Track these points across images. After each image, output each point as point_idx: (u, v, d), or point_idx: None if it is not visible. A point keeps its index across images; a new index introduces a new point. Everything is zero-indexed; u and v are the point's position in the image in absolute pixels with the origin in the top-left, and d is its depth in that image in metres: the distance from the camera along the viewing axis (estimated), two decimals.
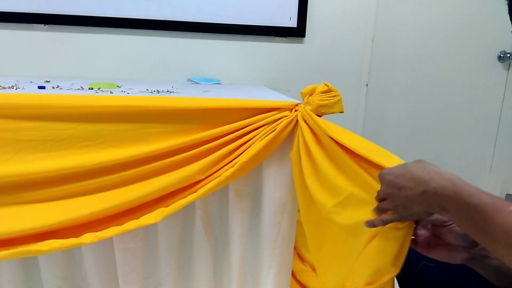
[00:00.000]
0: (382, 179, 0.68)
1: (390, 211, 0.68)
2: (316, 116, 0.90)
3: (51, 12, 1.56)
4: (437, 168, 0.59)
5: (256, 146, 0.91)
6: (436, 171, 0.59)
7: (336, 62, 1.80)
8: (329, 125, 0.88)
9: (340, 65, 1.80)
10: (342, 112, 0.94)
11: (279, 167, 0.99)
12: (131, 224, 0.91)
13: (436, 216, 0.66)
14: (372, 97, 1.91)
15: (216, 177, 0.93)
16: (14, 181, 0.88)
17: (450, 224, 0.66)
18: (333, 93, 0.92)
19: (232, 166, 0.92)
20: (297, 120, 0.93)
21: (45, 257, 0.99)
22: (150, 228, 0.98)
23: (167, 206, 0.93)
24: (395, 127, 2.00)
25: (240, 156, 0.93)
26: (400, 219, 0.67)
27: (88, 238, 0.89)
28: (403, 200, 0.62)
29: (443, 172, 0.58)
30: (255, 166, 0.95)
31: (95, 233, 0.90)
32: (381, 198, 0.70)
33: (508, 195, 2.08)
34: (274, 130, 0.92)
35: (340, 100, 0.93)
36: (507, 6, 0.65)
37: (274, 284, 1.05)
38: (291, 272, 1.09)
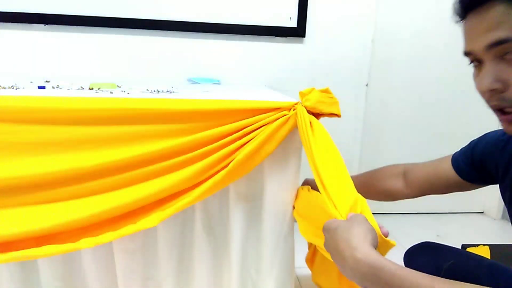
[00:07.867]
0: (323, 232, 0.70)
1: None
2: (310, 117, 0.91)
3: (51, 12, 1.56)
4: (357, 242, 0.58)
5: (251, 144, 0.91)
6: (355, 247, 0.57)
7: (336, 62, 1.79)
8: (316, 132, 0.90)
9: (340, 65, 1.80)
10: (339, 115, 0.96)
11: (281, 168, 0.98)
12: (129, 229, 0.91)
13: None
14: (372, 97, 1.91)
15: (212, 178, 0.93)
16: (13, 184, 0.87)
17: None
18: (331, 95, 0.95)
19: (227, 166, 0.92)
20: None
21: (44, 258, 0.98)
22: (150, 229, 0.97)
23: (164, 210, 0.93)
24: (395, 127, 1.99)
25: (235, 155, 0.92)
26: None
27: (84, 243, 0.89)
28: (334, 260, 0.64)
29: (363, 250, 0.57)
30: (253, 166, 0.95)
31: (92, 238, 0.90)
32: None
33: None
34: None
35: (337, 103, 0.95)
36: None
37: (275, 285, 1.05)
38: (293, 272, 1.09)
